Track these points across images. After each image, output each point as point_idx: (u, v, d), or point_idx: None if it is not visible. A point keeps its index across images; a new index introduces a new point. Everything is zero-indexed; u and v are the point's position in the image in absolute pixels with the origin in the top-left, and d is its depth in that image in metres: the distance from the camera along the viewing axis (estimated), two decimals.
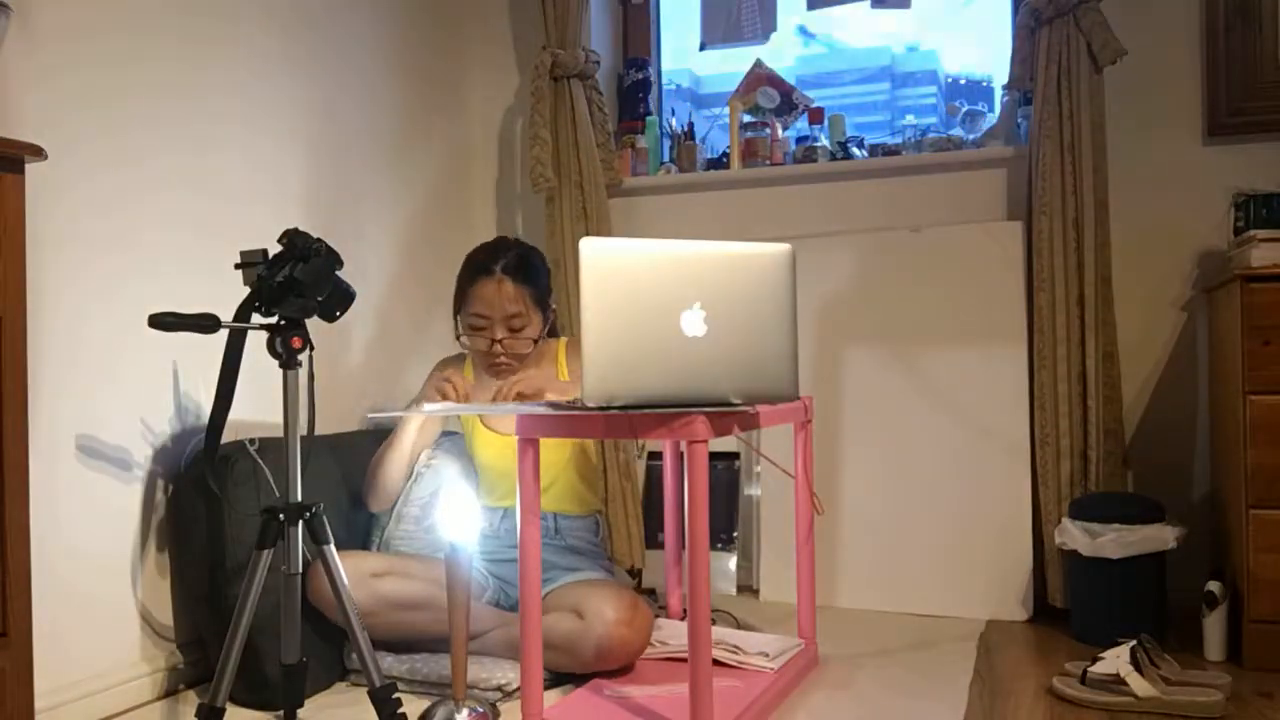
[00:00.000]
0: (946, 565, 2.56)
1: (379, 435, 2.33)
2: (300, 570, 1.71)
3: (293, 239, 1.67)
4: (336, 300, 1.76)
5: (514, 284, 2.13)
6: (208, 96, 2.16)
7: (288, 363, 1.69)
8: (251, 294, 1.67)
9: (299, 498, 1.70)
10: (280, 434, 1.72)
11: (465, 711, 1.73)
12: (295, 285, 1.65)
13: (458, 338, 2.22)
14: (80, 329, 1.86)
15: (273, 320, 1.69)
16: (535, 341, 2.19)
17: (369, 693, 1.68)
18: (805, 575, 2.12)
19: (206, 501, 1.94)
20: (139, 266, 1.98)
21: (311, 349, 1.70)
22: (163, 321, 1.60)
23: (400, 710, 1.68)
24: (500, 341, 2.14)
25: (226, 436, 1.86)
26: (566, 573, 2.14)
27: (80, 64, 1.86)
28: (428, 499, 2.26)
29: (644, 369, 1.54)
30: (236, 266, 1.69)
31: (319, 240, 1.69)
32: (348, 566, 1.81)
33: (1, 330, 1.38)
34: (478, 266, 2.16)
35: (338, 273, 1.74)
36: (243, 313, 1.67)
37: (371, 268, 2.72)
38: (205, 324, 1.62)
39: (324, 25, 2.55)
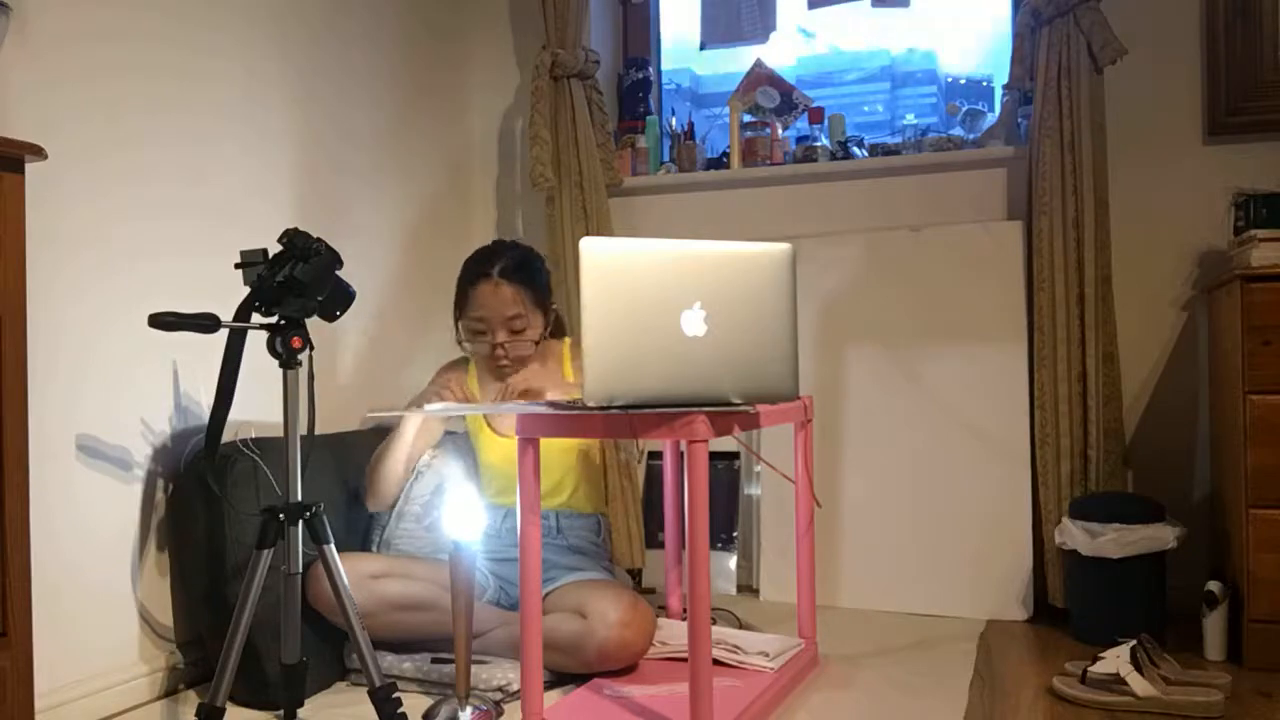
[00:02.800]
0: (946, 565, 2.55)
1: (378, 435, 2.33)
2: (300, 570, 1.71)
3: (293, 239, 1.67)
4: (336, 300, 1.76)
5: (511, 287, 2.14)
6: (206, 95, 2.16)
7: (287, 362, 1.69)
8: (251, 294, 1.67)
9: (299, 497, 1.70)
10: (280, 433, 1.72)
11: (469, 710, 1.73)
12: (295, 285, 1.65)
13: (459, 343, 2.22)
14: (80, 328, 1.86)
15: (272, 320, 1.69)
16: (537, 343, 2.19)
17: (369, 692, 1.68)
18: (805, 574, 2.12)
19: (206, 501, 1.94)
20: (138, 266, 1.98)
21: (311, 349, 1.71)
22: (163, 321, 1.60)
23: (400, 710, 1.68)
24: (502, 345, 2.14)
25: (227, 436, 1.86)
26: (568, 572, 2.14)
27: (79, 64, 1.86)
28: (429, 497, 2.26)
29: (644, 369, 1.54)
30: (236, 266, 1.69)
31: (319, 240, 1.69)
32: (347, 569, 1.82)
33: (2, 330, 1.38)
34: (475, 271, 2.17)
35: (337, 272, 1.74)
36: (242, 312, 1.67)
37: (371, 267, 2.71)
38: (205, 324, 1.63)
39: (323, 24, 2.55)
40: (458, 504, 1.77)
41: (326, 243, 1.71)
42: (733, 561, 2.87)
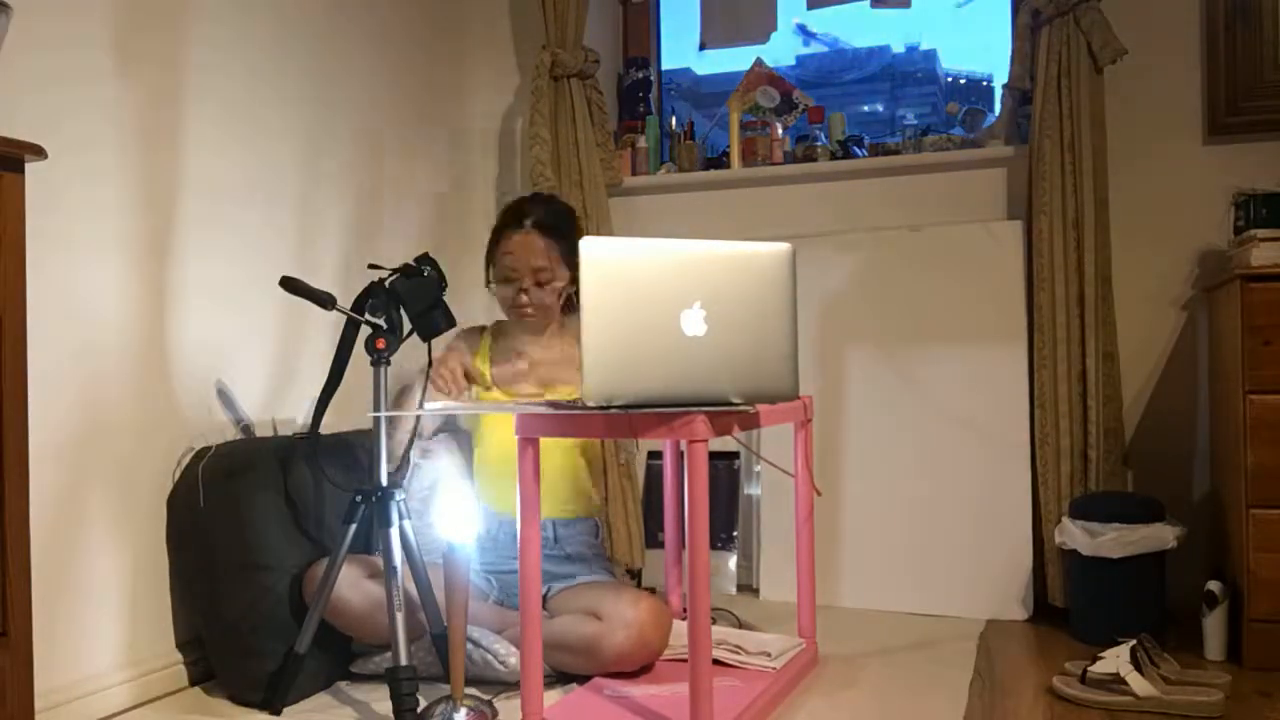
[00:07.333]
0: (946, 565, 2.55)
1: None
2: (379, 548, 1.88)
3: (418, 258, 1.93)
4: (430, 323, 1.93)
5: (542, 238, 2.20)
6: (205, 96, 2.16)
7: (375, 360, 1.89)
8: (365, 291, 1.90)
9: (384, 481, 1.88)
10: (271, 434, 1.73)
11: (464, 711, 1.73)
12: (393, 295, 1.89)
13: (487, 285, 2.29)
14: (80, 328, 1.86)
15: (377, 320, 1.91)
16: (561, 294, 2.24)
17: (386, 670, 1.76)
18: (805, 574, 2.12)
19: (206, 501, 1.95)
20: (138, 267, 1.98)
21: (389, 353, 1.91)
22: (293, 285, 1.87)
23: (411, 694, 1.74)
24: (526, 290, 2.19)
25: (226, 435, 1.85)
26: (564, 580, 2.13)
27: (81, 64, 1.86)
28: (428, 493, 2.26)
29: (644, 369, 1.54)
30: (370, 266, 1.94)
31: (431, 265, 1.92)
32: (341, 572, 1.89)
33: (2, 330, 1.38)
34: (510, 217, 2.25)
35: (444, 298, 1.94)
36: (356, 305, 1.91)
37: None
38: (323, 300, 1.88)
39: (324, 25, 2.55)
40: (452, 505, 1.77)
41: (438, 269, 1.92)
42: (733, 561, 2.87)
